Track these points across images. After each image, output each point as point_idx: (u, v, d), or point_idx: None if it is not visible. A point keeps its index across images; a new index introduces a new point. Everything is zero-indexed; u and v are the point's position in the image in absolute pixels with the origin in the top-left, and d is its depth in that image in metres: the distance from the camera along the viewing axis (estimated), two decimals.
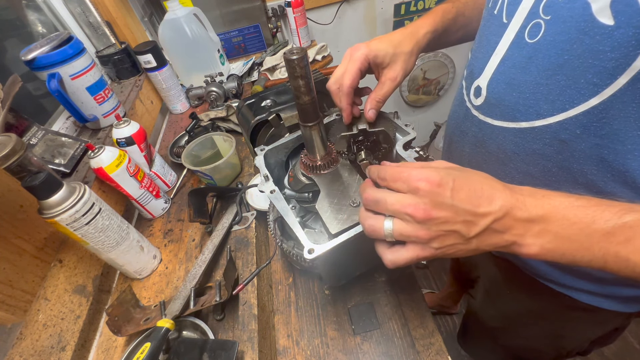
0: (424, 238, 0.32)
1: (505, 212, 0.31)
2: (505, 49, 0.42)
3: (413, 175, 0.32)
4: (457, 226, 0.31)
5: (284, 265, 0.66)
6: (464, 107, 0.51)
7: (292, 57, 0.38)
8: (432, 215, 0.31)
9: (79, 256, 0.62)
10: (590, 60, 0.34)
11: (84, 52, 0.80)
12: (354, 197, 0.46)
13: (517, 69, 0.41)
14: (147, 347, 0.48)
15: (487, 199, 0.31)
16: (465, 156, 0.55)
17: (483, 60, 0.46)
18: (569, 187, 0.43)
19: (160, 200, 0.78)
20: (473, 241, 0.32)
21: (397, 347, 0.52)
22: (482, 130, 0.48)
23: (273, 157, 0.58)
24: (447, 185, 0.31)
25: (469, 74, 0.50)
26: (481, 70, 0.47)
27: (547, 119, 0.40)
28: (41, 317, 0.53)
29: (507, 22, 0.42)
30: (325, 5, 1.53)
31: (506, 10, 0.42)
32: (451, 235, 0.32)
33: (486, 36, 0.46)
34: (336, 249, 0.41)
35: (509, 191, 0.32)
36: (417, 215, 0.31)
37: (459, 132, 0.55)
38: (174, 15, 1.07)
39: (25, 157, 0.55)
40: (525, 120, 0.42)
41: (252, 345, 0.51)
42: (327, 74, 1.05)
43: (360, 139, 0.53)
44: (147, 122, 1.04)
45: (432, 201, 0.31)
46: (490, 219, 0.31)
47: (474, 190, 0.31)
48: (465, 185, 0.31)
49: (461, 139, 0.54)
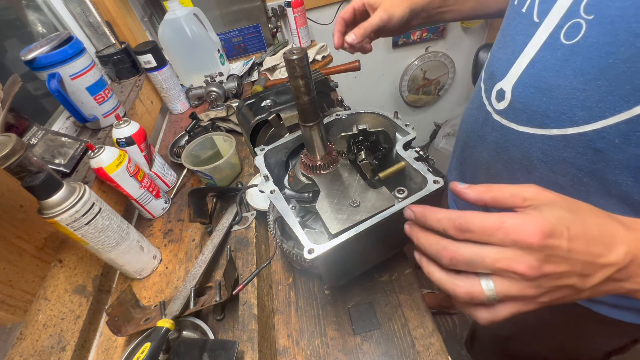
0: (532, 295, 0.28)
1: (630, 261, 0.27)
2: (536, 50, 0.39)
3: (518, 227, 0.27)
4: (572, 280, 0.27)
5: (284, 265, 0.66)
6: (483, 111, 0.48)
7: (292, 57, 0.38)
8: (546, 272, 0.26)
9: (79, 256, 0.62)
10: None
11: (84, 52, 0.80)
12: (354, 197, 0.46)
13: (549, 72, 0.38)
14: (147, 347, 0.48)
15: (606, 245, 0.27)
16: (483, 162, 0.52)
17: (507, 62, 0.43)
18: (599, 198, 0.40)
19: (160, 200, 0.78)
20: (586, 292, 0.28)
21: (397, 347, 0.52)
22: (504, 136, 0.45)
23: (273, 157, 0.58)
24: (562, 235, 0.26)
25: (490, 76, 0.47)
26: (505, 72, 0.44)
27: (582, 126, 0.36)
28: (41, 317, 0.53)
29: (538, 21, 0.38)
30: (325, 5, 1.53)
31: (538, 9, 0.39)
32: (564, 290, 0.28)
33: (511, 36, 0.43)
34: (336, 249, 0.41)
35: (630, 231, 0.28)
36: (527, 274, 0.26)
37: (476, 137, 0.52)
38: (174, 15, 1.07)
39: (25, 157, 0.55)
40: (556, 127, 0.39)
41: (252, 345, 0.51)
42: (327, 74, 1.06)
43: (360, 139, 0.53)
44: (147, 122, 1.04)
45: (545, 256, 0.26)
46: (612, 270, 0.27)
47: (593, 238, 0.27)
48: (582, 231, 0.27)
49: (479, 144, 0.51)
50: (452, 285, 0.30)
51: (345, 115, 0.58)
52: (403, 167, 0.50)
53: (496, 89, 0.45)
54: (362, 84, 1.89)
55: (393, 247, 0.58)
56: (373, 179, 0.51)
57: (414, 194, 0.44)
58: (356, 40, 0.55)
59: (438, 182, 0.45)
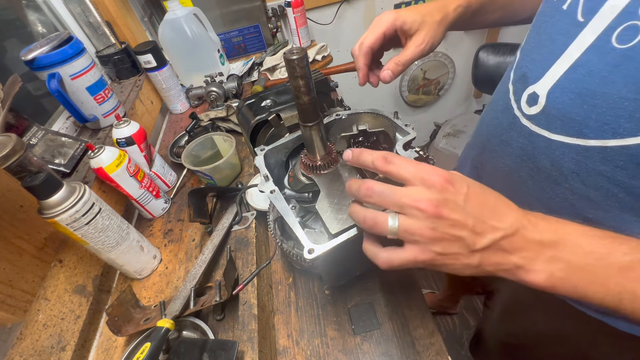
0: (427, 237, 0.30)
1: (515, 230, 0.29)
2: (580, 52, 0.35)
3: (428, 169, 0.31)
4: (464, 233, 0.29)
5: (284, 265, 0.66)
6: (510, 114, 0.45)
7: (292, 57, 0.38)
8: (443, 214, 0.29)
9: (79, 256, 0.62)
10: None
11: (84, 52, 0.80)
12: None
13: (595, 78, 0.34)
14: (147, 347, 0.48)
15: (499, 213, 0.30)
16: (505, 169, 0.49)
17: (543, 64, 0.40)
18: (631, 215, 0.38)
19: (160, 200, 0.78)
20: (476, 255, 0.30)
21: (397, 347, 0.52)
22: (532, 143, 0.42)
23: (273, 157, 0.58)
24: (461, 188, 0.30)
25: (521, 78, 0.44)
26: (540, 75, 0.40)
27: (627, 139, 0.33)
28: (41, 317, 0.53)
29: (583, 21, 0.35)
30: (325, 5, 1.53)
31: (583, 7, 0.35)
32: (456, 242, 0.30)
33: (549, 35, 0.39)
34: (336, 249, 0.41)
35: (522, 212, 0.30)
36: (428, 210, 0.29)
37: (498, 141, 0.49)
38: (174, 15, 1.07)
39: (25, 157, 0.55)
40: (595, 137, 0.36)
41: (252, 345, 0.51)
42: (327, 74, 1.06)
43: (360, 139, 0.53)
44: (147, 122, 1.04)
45: (445, 199, 0.29)
46: (499, 233, 0.29)
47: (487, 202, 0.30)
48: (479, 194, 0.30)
49: (500, 149, 0.49)
50: (358, 213, 0.34)
51: (345, 115, 0.58)
52: None
53: (528, 92, 0.42)
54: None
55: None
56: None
57: None
58: (393, 78, 0.49)
59: None
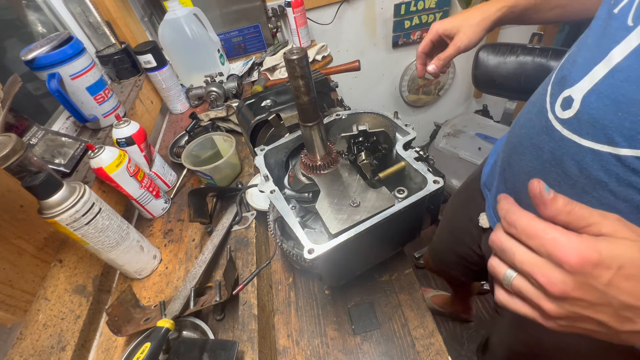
0: (549, 313, 0.26)
1: None
2: (622, 57, 0.34)
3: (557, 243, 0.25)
4: (603, 317, 0.25)
5: (284, 265, 0.66)
6: (543, 117, 0.44)
7: (292, 57, 0.38)
8: (571, 295, 0.25)
9: (79, 256, 0.62)
10: None
11: (84, 52, 0.80)
12: (354, 197, 0.46)
13: (632, 84, 0.33)
14: (147, 347, 0.48)
15: None
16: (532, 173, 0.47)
17: (584, 67, 0.38)
18: None
19: (160, 200, 0.78)
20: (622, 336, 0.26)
21: (397, 347, 0.52)
22: (562, 148, 0.41)
23: (273, 157, 0.58)
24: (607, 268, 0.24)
25: (560, 80, 0.42)
26: (578, 78, 0.39)
27: None
28: (41, 317, 0.53)
29: (632, 25, 0.33)
30: (325, 5, 1.53)
31: (635, 11, 0.33)
32: (591, 322, 0.26)
33: (596, 38, 0.38)
34: (336, 249, 0.41)
35: None
36: (548, 288, 0.25)
37: (528, 144, 0.47)
38: (174, 15, 1.07)
39: (25, 157, 0.55)
40: (628, 147, 0.34)
41: (252, 345, 0.51)
42: (327, 74, 1.06)
43: (361, 140, 0.53)
44: (147, 122, 1.04)
45: (577, 282, 0.25)
46: None
47: None
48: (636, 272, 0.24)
49: (530, 152, 0.47)
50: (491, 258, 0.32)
51: (345, 115, 0.58)
52: (403, 167, 0.51)
53: (564, 95, 0.41)
54: (362, 84, 1.89)
55: (393, 247, 0.58)
56: (373, 179, 0.51)
57: (414, 194, 0.45)
58: (436, 70, 0.64)
59: (438, 182, 0.45)
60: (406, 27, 1.67)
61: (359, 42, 1.71)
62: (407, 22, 1.65)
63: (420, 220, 0.54)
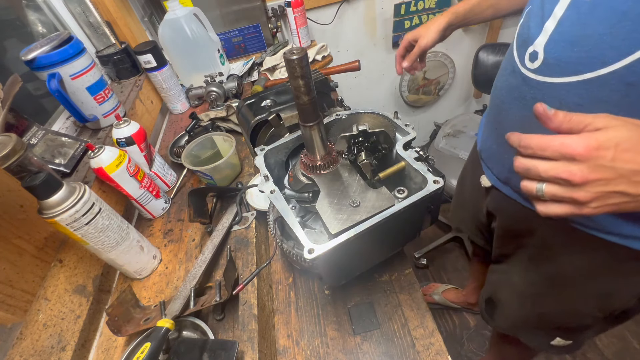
0: (582, 200, 0.33)
1: None
2: (562, 12, 0.45)
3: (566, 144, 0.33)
4: (621, 186, 0.32)
5: (284, 265, 0.66)
6: (518, 74, 0.54)
7: (292, 57, 0.38)
8: (590, 178, 0.32)
9: (79, 256, 0.62)
10: None
11: (84, 52, 0.81)
12: (354, 197, 0.46)
13: (576, 27, 0.43)
14: (147, 347, 0.48)
15: None
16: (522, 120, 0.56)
17: (537, 27, 0.49)
18: None
19: (160, 200, 0.78)
20: None
21: (397, 347, 0.52)
22: (541, 91, 0.50)
23: (273, 157, 0.58)
24: (607, 149, 0.31)
25: (522, 43, 0.53)
26: (536, 35, 0.49)
27: (613, 65, 0.41)
28: (41, 317, 0.53)
29: None
30: (325, 5, 1.53)
31: None
32: (615, 196, 0.33)
33: (539, 6, 0.50)
34: (336, 249, 0.41)
35: None
36: (572, 180, 0.32)
37: (511, 98, 0.57)
38: (174, 15, 1.07)
39: (25, 157, 0.55)
40: (589, 71, 0.43)
41: (252, 345, 0.51)
42: (327, 74, 1.06)
43: (361, 140, 0.53)
44: (147, 122, 1.04)
45: (589, 166, 0.32)
46: None
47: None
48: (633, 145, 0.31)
49: (515, 105, 0.56)
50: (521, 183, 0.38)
51: (345, 115, 0.58)
52: (403, 167, 0.51)
53: (529, 51, 0.50)
54: (362, 84, 1.89)
55: (393, 246, 0.58)
56: (373, 179, 0.51)
57: (414, 194, 0.45)
58: (407, 64, 0.80)
59: (438, 182, 0.45)
60: (406, 27, 1.67)
61: (358, 42, 1.71)
62: (407, 22, 1.65)
63: (420, 220, 0.54)
